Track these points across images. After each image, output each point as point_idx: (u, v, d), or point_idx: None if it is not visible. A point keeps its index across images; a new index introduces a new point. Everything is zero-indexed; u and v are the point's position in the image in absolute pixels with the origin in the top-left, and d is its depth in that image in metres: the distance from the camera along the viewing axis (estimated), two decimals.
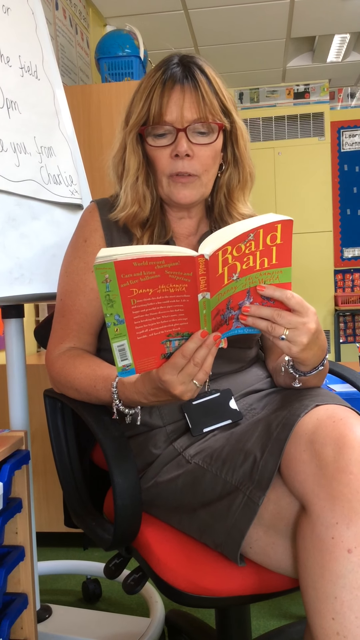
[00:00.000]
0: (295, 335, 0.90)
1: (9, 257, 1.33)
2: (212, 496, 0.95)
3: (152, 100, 1.07)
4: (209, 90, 1.08)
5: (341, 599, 0.79)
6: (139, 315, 0.81)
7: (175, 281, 0.79)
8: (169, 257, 0.78)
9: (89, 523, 1.12)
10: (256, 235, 0.82)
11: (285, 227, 0.84)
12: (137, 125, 1.10)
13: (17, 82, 1.45)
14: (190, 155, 1.08)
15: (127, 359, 0.83)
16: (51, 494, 2.15)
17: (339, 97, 5.50)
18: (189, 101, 1.06)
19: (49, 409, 1.20)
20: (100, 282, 0.77)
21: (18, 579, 1.20)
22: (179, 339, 0.85)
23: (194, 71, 1.08)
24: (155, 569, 0.97)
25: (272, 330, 0.89)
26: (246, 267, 0.84)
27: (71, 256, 1.18)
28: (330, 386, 1.95)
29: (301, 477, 0.86)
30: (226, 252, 0.81)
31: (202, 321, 0.84)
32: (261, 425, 0.95)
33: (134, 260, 0.76)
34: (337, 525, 0.81)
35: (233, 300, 0.87)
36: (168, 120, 1.06)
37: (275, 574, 0.94)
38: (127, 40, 2.87)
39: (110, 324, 0.80)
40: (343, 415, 0.88)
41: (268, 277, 0.87)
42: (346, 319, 5.47)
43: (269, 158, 5.26)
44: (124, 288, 0.78)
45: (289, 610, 1.73)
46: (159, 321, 0.82)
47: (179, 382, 0.86)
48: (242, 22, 3.84)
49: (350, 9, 3.75)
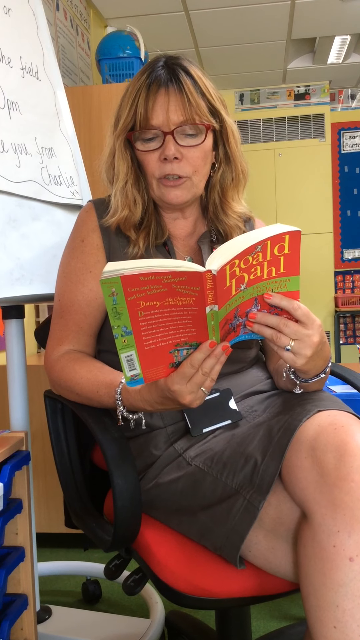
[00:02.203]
0: (299, 348, 0.90)
1: (9, 257, 1.33)
2: (212, 499, 0.95)
3: (138, 104, 1.07)
4: (195, 92, 1.07)
5: (343, 607, 0.79)
6: (146, 327, 0.80)
7: (182, 294, 0.79)
8: (176, 272, 0.77)
9: (89, 524, 1.12)
10: (264, 246, 0.82)
11: (293, 237, 0.83)
12: (124, 130, 1.10)
13: (18, 82, 1.45)
14: (179, 158, 1.08)
15: (136, 368, 0.83)
16: (51, 494, 2.15)
17: (340, 98, 5.51)
18: (174, 104, 1.06)
19: (49, 410, 1.20)
20: (107, 296, 0.77)
21: (18, 580, 1.20)
22: (187, 348, 0.85)
23: (178, 73, 1.08)
24: (155, 570, 0.97)
25: (277, 339, 0.89)
26: (254, 277, 0.84)
27: (68, 257, 1.17)
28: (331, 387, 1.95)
29: (302, 484, 0.85)
30: (234, 265, 0.80)
31: (210, 332, 0.84)
32: (262, 429, 0.95)
33: (141, 275, 0.76)
34: (339, 534, 0.81)
35: (241, 308, 0.87)
36: (154, 124, 1.07)
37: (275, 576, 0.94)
38: (127, 42, 2.87)
39: (117, 336, 0.80)
40: (345, 422, 0.87)
41: (276, 286, 0.87)
42: (346, 320, 5.47)
43: (269, 159, 5.26)
44: (131, 301, 0.77)
45: (289, 611, 1.73)
46: (166, 332, 0.82)
47: (188, 392, 0.86)
48: (242, 23, 3.85)
49: (350, 11, 3.75)
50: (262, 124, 5.28)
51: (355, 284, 5.53)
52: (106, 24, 3.76)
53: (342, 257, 5.51)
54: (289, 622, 1.67)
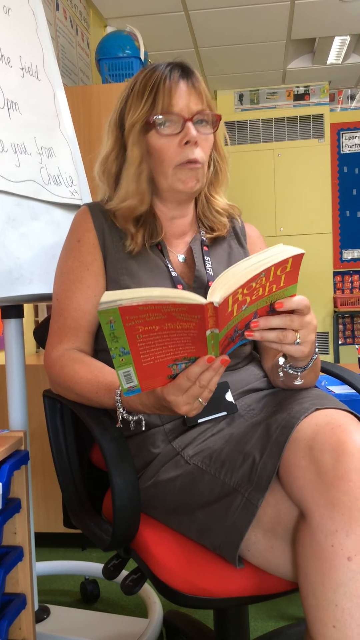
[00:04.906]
0: (305, 336, 0.90)
1: (8, 257, 1.33)
2: (210, 497, 0.95)
3: (158, 93, 1.11)
4: (205, 87, 1.15)
5: (342, 607, 0.79)
6: (144, 347, 0.79)
7: (182, 320, 0.77)
8: (176, 303, 0.75)
9: (88, 523, 1.12)
10: (267, 271, 0.80)
11: (296, 259, 0.82)
12: (142, 117, 1.12)
13: (18, 82, 1.45)
14: (198, 143, 1.12)
15: (133, 381, 0.83)
16: (50, 494, 2.15)
17: (339, 99, 5.51)
18: (193, 94, 1.12)
19: (48, 409, 1.20)
20: (104, 324, 0.76)
21: (16, 579, 1.20)
22: (186, 362, 0.84)
23: (189, 69, 1.15)
24: (154, 569, 0.97)
25: (284, 338, 0.89)
26: (255, 297, 0.83)
27: (66, 257, 1.19)
28: (329, 388, 1.95)
29: (300, 483, 0.86)
30: (237, 293, 0.78)
31: (209, 349, 0.82)
32: (261, 427, 0.95)
33: (140, 305, 0.74)
34: (337, 533, 0.81)
35: (240, 324, 0.86)
36: (176, 111, 1.11)
37: (273, 575, 0.94)
38: (127, 41, 2.87)
39: (115, 356, 0.79)
40: (342, 421, 0.87)
41: (275, 297, 0.87)
42: (345, 320, 5.48)
43: (268, 159, 5.26)
44: (129, 327, 0.76)
45: (287, 611, 1.73)
46: (165, 349, 0.81)
47: (184, 403, 0.86)
48: (242, 23, 3.85)
49: (350, 11, 3.76)
50: (261, 124, 5.28)
51: (354, 284, 5.53)
52: (106, 24, 3.76)
53: (341, 257, 5.52)
54: (287, 622, 1.67)
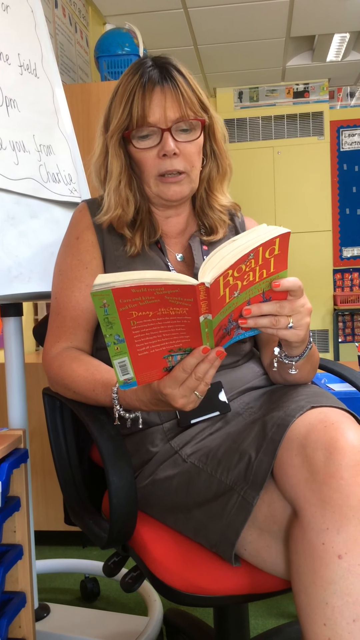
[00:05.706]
0: (298, 320, 0.90)
1: (7, 255, 1.33)
2: (207, 496, 0.95)
3: (134, 103, 1.09)
4: (188, 89, 1.10)
5: (332, 605, 0.79)
6: (139, 335, 0.79)
7: (175, 305, 0.78)
8: (168, 285, 0.75)
9: (86, 521, 1.12)
10: (256, 253, 0.81)
11: (283, 239, 0.83)
12: (119, 129, 1.11)
13: (16, 80, 1.45)
14: (177, 154, 1.09)
15: (129, 373, 0.82)
16: (50, 492, 2.15)
17: (339, 96, 5.50)
18: (170, 101, 1.08)
19: (48, 408, 1.20)
20: (98, 307, 0.76)
21: (16, 578, 1.20)
22: (182, 354, 0.84)
23: (171, 71, 1.10)
24: (151, 567, 0.97)
25: (276, 323, 0.88)
26: (246, 283, 0.83)
27: (64, 254, 1.18)
28: (329, 385, 1.95)
29: (293, 481, 0.86)
30: (227, 275, 0.79)
31: (204, 338, 0.83)
32: (257, 425, 0.95)
33: (133, 287, 0.75)
34: (328, 531, 0.81)
35: (235, 313, 0.86)
36: (152, 122, 1.08)
37: (270, 574, 0.94)
38: (126, 39, 2.87)
39: (110, 343, 0.79)
40: (335, 419, 0.87)
41: (266, 285, 0.87)
42: (345, 318, 5.48)
43: (268, 157, 5.26)
44: (123, 311, 0.76)
45: (287, 609, 1.73)
46: (160, 339, 0.81)
47: (180, 396, 0.86)
48: (241, 21, 3.84)
49: (349, 8, 3.75)
50: (261, 122, 5.28)
51: (354, 282, 5.53)
52: (105, 22, 3.75)
53: (341, 255, 5.52)
54: (287, 620, 1.67)
